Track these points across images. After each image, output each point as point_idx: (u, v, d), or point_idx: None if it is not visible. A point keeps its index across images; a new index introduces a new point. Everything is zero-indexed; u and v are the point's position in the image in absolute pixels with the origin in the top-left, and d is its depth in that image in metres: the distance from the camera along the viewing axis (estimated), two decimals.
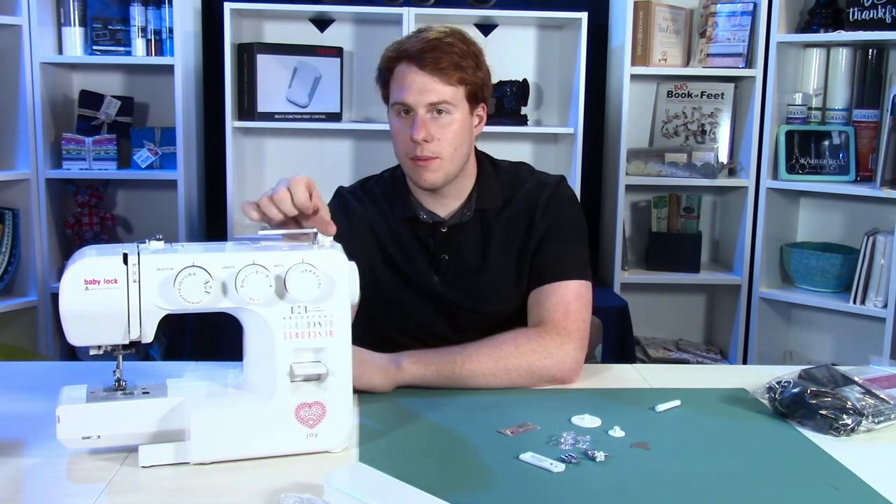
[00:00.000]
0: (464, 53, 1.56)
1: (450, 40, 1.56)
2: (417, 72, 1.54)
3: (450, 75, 1.55)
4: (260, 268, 1.12)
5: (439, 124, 1.56)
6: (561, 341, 1.50)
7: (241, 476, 1.12)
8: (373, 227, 1.66)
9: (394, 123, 1.60)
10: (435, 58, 1.53)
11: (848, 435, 1.28)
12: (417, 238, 1.66)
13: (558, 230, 1.63)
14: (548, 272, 1.60)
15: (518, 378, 1.46)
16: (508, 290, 1.64)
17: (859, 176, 3.10)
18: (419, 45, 1.54)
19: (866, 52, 3.07)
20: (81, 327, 1.11)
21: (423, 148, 1.55)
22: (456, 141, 1.57)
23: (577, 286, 1.58)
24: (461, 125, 1.58)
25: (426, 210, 1.65)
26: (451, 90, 1.55)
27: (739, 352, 3.29)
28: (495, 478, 1.12)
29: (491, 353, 1.46)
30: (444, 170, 1.58)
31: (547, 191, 1.66)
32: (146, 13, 3.02)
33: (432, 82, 1.54)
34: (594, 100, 3.36)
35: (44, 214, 3.01)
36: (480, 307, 1.64)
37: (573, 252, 1.62)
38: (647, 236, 3.42)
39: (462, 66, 1.56)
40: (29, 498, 1.08)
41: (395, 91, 1.58)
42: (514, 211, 1.65)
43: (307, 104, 3.17)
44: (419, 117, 1.55)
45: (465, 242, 1.65)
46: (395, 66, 1.57)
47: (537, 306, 1.59)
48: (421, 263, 1.65)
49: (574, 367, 1.51)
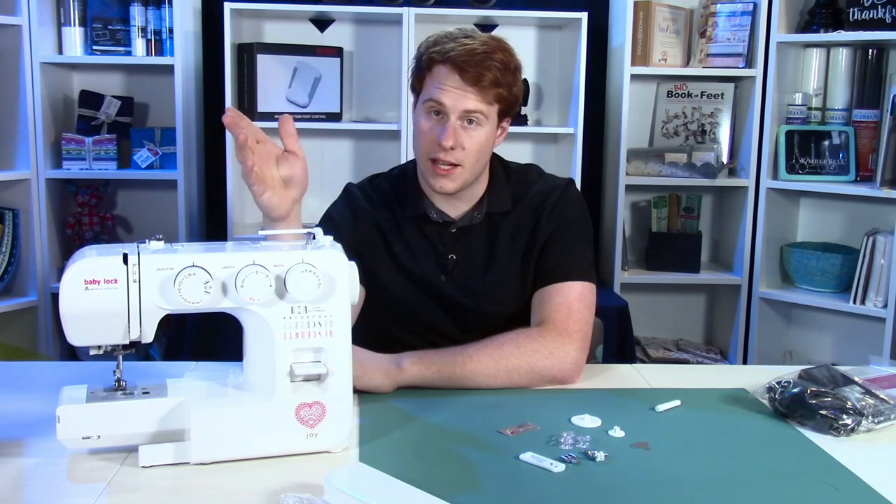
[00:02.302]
0: (505, 70, 1.56)
1: (496, 56, 1.54)
2: (458, 81, 1.53)
3: (488, 92, 1.54)
4: (260, 268, 1.12)
5: (468, 134, 1.55)
6: (562, 341, 1.50)
7: (241, 476, 1.12)
8: (379, 225, 1.66)
9: (422, 120, 1.59)
10: (479, 73, 1.52)
11: (848, 435, 1.28)
12: (426, 237, 1.65)
13: (564, 231, 1.64)
14: (552, 273, 1.60)
15: (519, 378, 1.46)
16: (514, 291, 1.64)
17: (859, 176, 3.10)
18: (465, 55, 1.53)
19: (866, 52, 3.07)
20: (81, 327, 1.11)
21: (448, 154, 1.55)
22: (479, 152, 1.58)
23: (580, 287, 1.58)
24: (487, 137, 1.58)
25: (436, 209, 1.65)
26: (486, 105, 1.55)
27: (739, 352, 3.29)
28: (495, 478, 1.12)
29: (492, 353, 1.46)
30: (463, 178, 1.58)
31: (555, 193, 1.66)
32: (146, 13, 3.02)
33: (471, 94, 1.54)
34: (594, 100, 3.36)
35: (44, 214, 3.01)
36: (486, 308, 1.64)
37: (579, 253, 1.63)
38: (647, 236, 3.42)
39: (501, 83, 1.55)
40: (29, 498, 1.08)
41: (432, 88, 1.56)
42: (522, 213, 1.66)
43: (307, 104, 3.17)
44: (450, 123, 1.54)
45: (474, 243, 1.65)
46: (435, 66, 1.56)
47: (540, 306, 1.59)
48: (428, 262, 1.64)
49: (575, 367, 1.51)
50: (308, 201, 3.73)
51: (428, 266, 1.64)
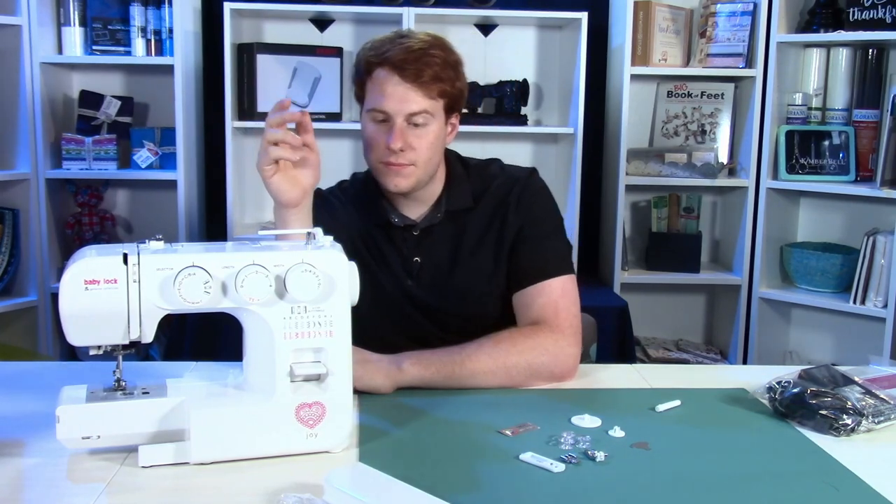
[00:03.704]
0: (445, 64, 1.55)
1: (433, 51, 1.54)
2: (399, 81, 1.53)
3: (430, 87, 1.54)
4: (260, 268, 1.12)
5: (416, 134, 1.55)
6: (556, 338, 1.51)
7: (241, 476, 1.12)
8: (350, 233, 1.64)
9: (368, 127, 1.59)
10: (417, 69, 1.52)
11: (848, 435, 1.28)
12: (391, 242, 1.66)
13: (533, 226, 1.63)
14: (530, 273, 1.60)
15: (517, 376, 1.47)
16: (483, 289, 1.64)
17: (859, 176, 3.10)
18: (402, 53, 1.53)
19: (866, 52, 3.07)
20: (81, 327, 1.11)
21: (399, 156, 1.55)
22: (430, 150, 1.58)
23: (560, 283, 1.58)
24: (437, 135, 1.58)
25: (398, 213, 1.65)
26: (430, 102, 1.55)
27: (739, 352, 3.29)
28: (495, 478, 1.12)
29: (490, 351, 1.47)
30: (417, 176, 1.58)
31: (518, 185, 1.66)
32: (146, 13, 3.02)
33: (413, 93, 1.53)
34: (594, 100, 3.36)
35: (44, 214, 3.01)
36: (457, 308, 1.64)
37: (552, 248, 1.62)
38: (647, 236, 3.42)
39: (442, 78, 1.55)
40: (29, 498, 1.08)
41: (374, 96, 1.56)
42: (486, 208, 1.65)
43: (307, 104, 3.17)
44: (397, 126, 1.54)
45: (437, 244, 1.65)
46: (374, 69, 1.56)
47: (525, 309, 1.59)
48: (395, 268, 1.65)
49: (572, 363, 1.52)
50: None
51: (396, 271, 1.65)
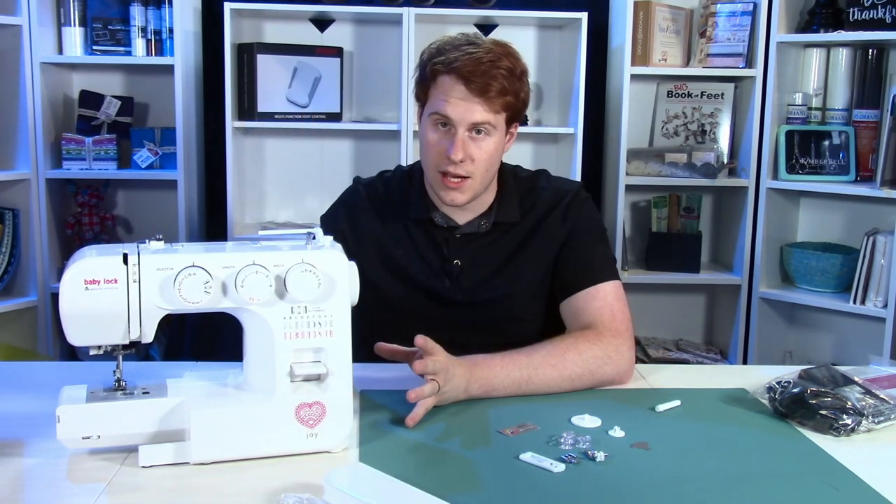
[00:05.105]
0: (511, 76, 1.52)
1: (501, 63, 1.50)
2: (464, 92, 1.50)
3: (495, 101, 1.51)
4: (260, 268, 1.12)
5: (477, 145, 1.53)
6: (617, 344, 1.50)
7: (241, 476, 1.12)
8: (379, 234, 1.63)
9: (429, 133, 1.56)
10: (485, 83, 1.49)
11: (848, 435, 1.28)
12: (431, 240, 1.64)
13: (581, 234, 1.63)
14: (581, 277, 1.59)
15: (580, 385, 1.46)
16: (522, 298, 1.63)
17: (859, 176, 3.10)
18: (470, 64, 1.49)
19: (866, 52, 3.07)
20: (81, 327, 1.11)
21: (458, 167, 1.52)
22: (489, 162, 1.55)
23: (613, 287, 1.58)
24: (496, 146, 1.56)
25: (442, 214, 1.63)
26: (494, 115, 1.52)
27: (739, 352, 3.29)
28: (495, 478, 1.12)
29: (555, 363, 1.44)
30: (474, 189, 1.56)
31: (566, 198, 1.65)
32: (146, 13, 3.02)
33: (478, 105, 1.50)
34: (594, 100, 3.36)
35: (44, 214, 3.01)
36: (497, 314, 1.63)
37: (601, 253, 1.63)
38: (647, 236, 3.42)
39: (509, 91, 1.52)
40: (29, 498, 1.08)
41: (437, 101, 1.53)
42: (533, 220, 1.64)
43: (307, 104, 3.17)
44: (458, 135, 1.51)
45: (481, 250, 1.64)
46: (439, 76, 1.53)
47: (580, 313, 1.57)
48: (432, 267, 1.63)
49: (630, 368, 1.52)
50: (308, 201, 3.75)
51: (434, 269, 1.63)
